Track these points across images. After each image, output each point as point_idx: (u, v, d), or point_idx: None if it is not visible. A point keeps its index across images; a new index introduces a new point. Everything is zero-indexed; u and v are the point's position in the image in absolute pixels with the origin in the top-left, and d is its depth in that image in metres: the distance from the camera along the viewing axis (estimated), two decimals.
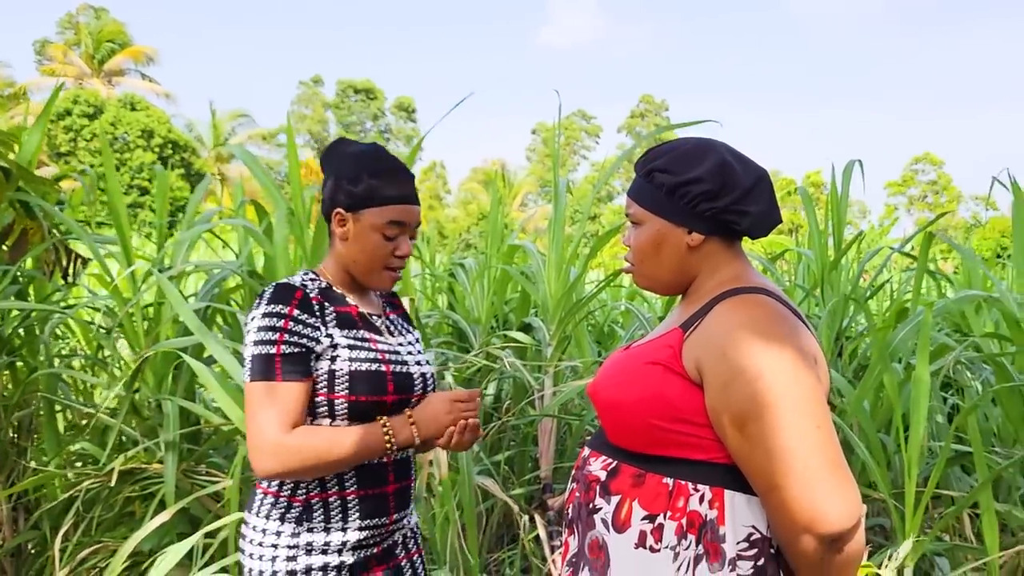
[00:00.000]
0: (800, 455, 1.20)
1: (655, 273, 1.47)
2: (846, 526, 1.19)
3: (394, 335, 1.86)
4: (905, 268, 5.49)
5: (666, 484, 1.32)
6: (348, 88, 55.94)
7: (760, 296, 1.35)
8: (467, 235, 30.65)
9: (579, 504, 1.45)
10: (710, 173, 1.37)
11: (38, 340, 3.89)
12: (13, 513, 3.73)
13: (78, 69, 35.09)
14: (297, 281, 1.75)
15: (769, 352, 1.24)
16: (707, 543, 1.29)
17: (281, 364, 1.63)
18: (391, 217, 1.74)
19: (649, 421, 1.33)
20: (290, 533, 1.70)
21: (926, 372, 2.45)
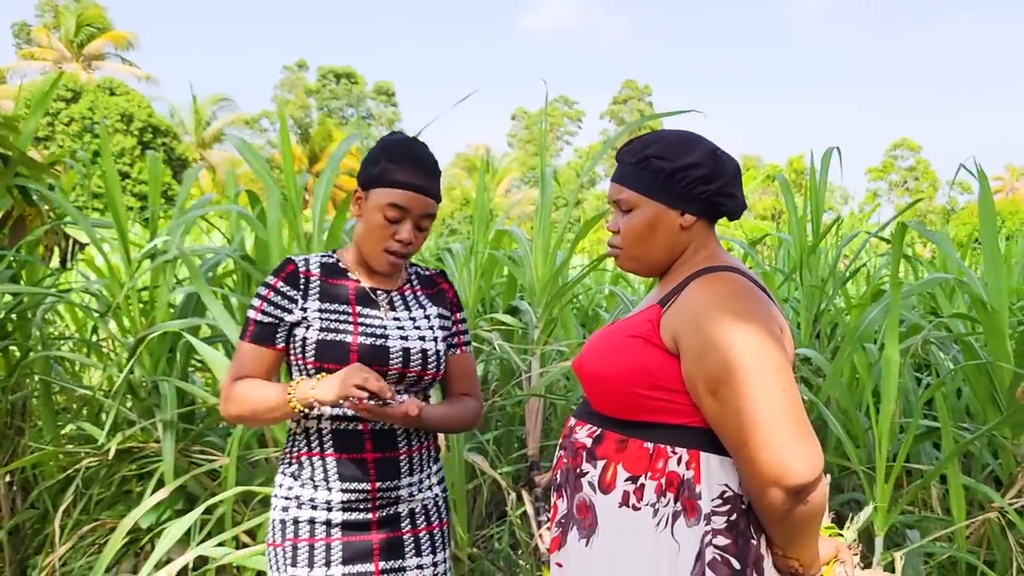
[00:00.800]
0: (767, 416, 1.31)
1: (645, 254, 1.58)
2: (810, 478, 1.30)
3: (395, 309, 1.93)
4: (883, 253, 5.62)
5: (647, 448, 1.44)
6: (329, 73, 55.59)
7: (730, 273, 1.47)
8: (451, 221, 30.63)
9: (567, 469, 1.56)
10: (705, 159, 1.51)
11: (30, 324, 3.95)
12: (11, 493, 3.79)
13: (58, 53, 34.69)
14: (299, 257, 1.91)
15: (739, 324, 1.36)
16: (684, 500, 1.41)
17: (253, 328, 1.85)
18: (392, 200, 1.82)
19: (631, 389, 1.44)
20: (287, 486, 1.88)
21: (895, 350, 2.56)
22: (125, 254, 3.75)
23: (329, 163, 3.50)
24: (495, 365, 4.56)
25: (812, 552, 1.47)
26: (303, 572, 1.81)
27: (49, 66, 33.93)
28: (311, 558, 1.82)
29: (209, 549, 2.88)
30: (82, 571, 3.40)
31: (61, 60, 34.71)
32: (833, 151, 4.14)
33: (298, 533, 1.84)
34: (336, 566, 1.82)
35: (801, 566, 1.47)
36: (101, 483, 3.55)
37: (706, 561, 1.38)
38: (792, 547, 1.44)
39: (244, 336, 1.86)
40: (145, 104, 30.16)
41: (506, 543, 3.66)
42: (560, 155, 61.71)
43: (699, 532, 1.39)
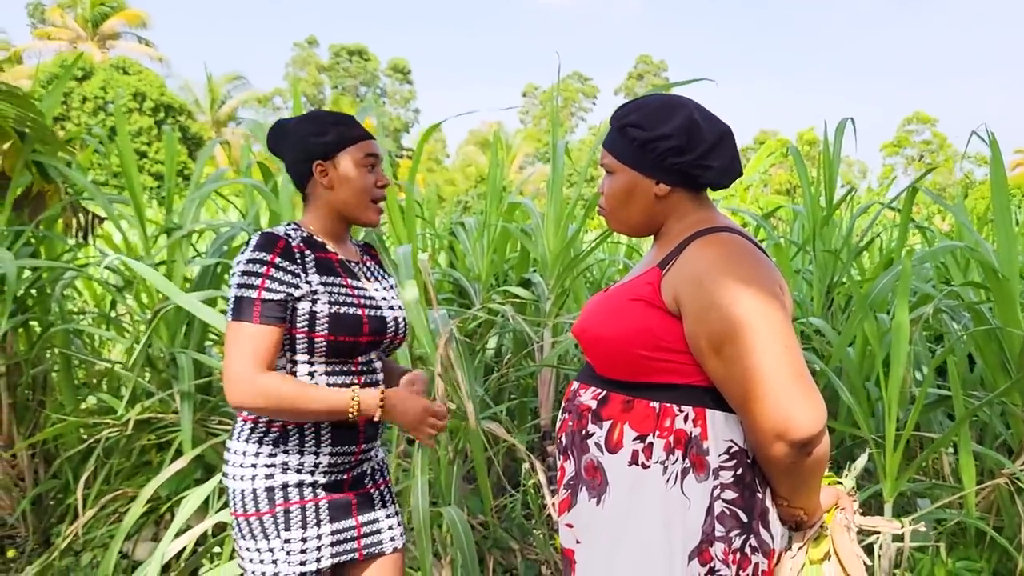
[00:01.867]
0: (771, 371, 1.33)
1: (626, 218, 1.61)
2: (814, 431, 1.33)
3: (370, 281, 2.02)
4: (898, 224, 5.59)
5: (653, 407, 1.46)
6: (341, 51, 55.47)
7: (728, 234, 1.48)
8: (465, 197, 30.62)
9: (572, 432, 1.58)
10: (678, 130, 1.50)
11: (50, 299, 4.01)
12: (34, 463, 3.87)
13: (73, 32, 34.76)
14: (281, 231, 1.88)
15: (740, 282, 1.38)
16: (693, 457, 1.44)
17: (260, 308, 1.78)
18: (368, 150, 1.94)
19: (634, 351, 1.46)
20: (268, 454, 1.87)
21: (905, 317, 2.56)
22: (142, 229, 3.80)
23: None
24: (508, 337, 4.59)
25: (815, 501, 1.51)
26: (297, 534, 1.85)
27: (64, 46, 33.99)
28: (304, 519, 1.86)
29: (227, 516, 2.93)
30: (103, 539, 3.48)
31: (76, 40, 34.76)
32: (847, 122, 4.12)
33: (288, 497, 1.86)
34: (325, 524, 1.89)
35: (805, 514, 1.51)
36: (121, 453, 3.62)
37: (715, 515, 1.42)
38: (797, 497, 1.48)
39: (251, 317, 1.76)
40: (158, 83, 30.20)
41: (519, 512, 3.70)
42: (575, 131, 61.43)
43: (708, 487, 1.42)
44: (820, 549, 1.55)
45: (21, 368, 3.86)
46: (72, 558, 3.47)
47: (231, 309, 1.80)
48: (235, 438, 1.92)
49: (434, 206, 6.00)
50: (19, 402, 3.85)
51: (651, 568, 1.44)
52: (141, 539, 3.49)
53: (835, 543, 1.55)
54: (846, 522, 1.57)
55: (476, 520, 3.39)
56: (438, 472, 3.05)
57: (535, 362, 4.03)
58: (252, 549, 1.86)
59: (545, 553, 3.39)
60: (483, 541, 3.31)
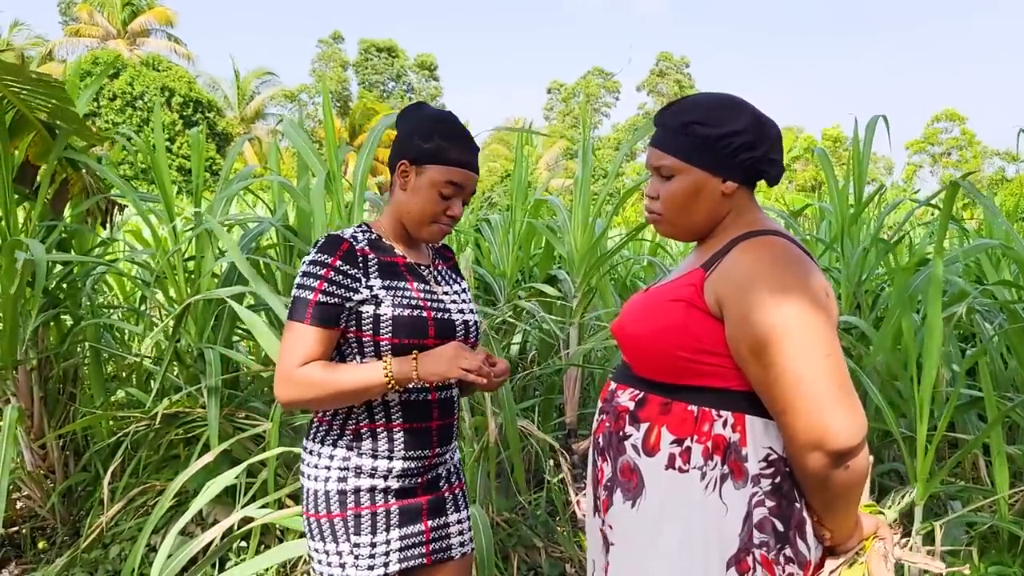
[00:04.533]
0: (812, 380, 1.31)
1: (687, 221, 1.57)
2: (852, 443, 1.30)
3: (440, 284, 1.99)
4: (925, 221, 5.52)
5: (691, 411, 1.44)
6: (371, 47, 55.63)
7: (775, 238, 1.45)
8: (490, 193, 30.63)
9: (609, 433, 1.56)
10: (749, 125, 1.50)
11: (81, 293, 4.05)
12: (64, 456, 3.91)
13: (103, 29, 35.09)
14: (347, 233, 1.87)
15: (784, 287, 1.36)
16: (731, 463, 1.42)
17: (313, 309, 1.77)
18: (451, 178, 1.86)
19: (674, 352, 1.44)
20: (342, 457, 1.86)
21: (939, 316, 2.52)
22: (171, 224, 3.82)
23: (371, 136, 3.52)
24: (534, 335, 4.59)
25: (848, 525, 1.47)
26: (366, 539, 1.84)
27: (95, 43, 34.33)
28: (374, 525, 1.85)
29: (253, 510, 2.95)
30: (132, 532, 3.51)
31: (107, 37, 35.10)
32: (879, 120, 4.07)
33: (359, 502, 1.85)
34: (394, 530, 1.87)
35: (831, 537, 1.48)
36: (149, 447, 3.65)
37: (753, 523, 1.40)
38: (828, 515, 1.44)
39: (304, 319, 1.77)
40: (186, 78, 30.44)
41: (544, 509, 3.70)
42: (599, 127, 61.23)
43: (746, 494, 1.41)
44: (857, 573, 1.51)
45: (52, 362, 3.90)
46: (101, 550, 3.50)
47: (289, 308, 1.82)
48: (310, 438, 1.92)
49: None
50: (50, 395, 3.89)
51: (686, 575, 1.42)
52: (168, 532, 3.51)
53: (871, 571, 1.51)
54: (884, 552, 1.53)
55: (501, 517, 3.39)
56: (464, 469, 3.05)
57: (560, 359, 4.02)
58: (321, 551, 1.86)
59: (569, 551, 3.38)
60: (507, 539, 3.31)
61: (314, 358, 1.78)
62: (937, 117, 50.73)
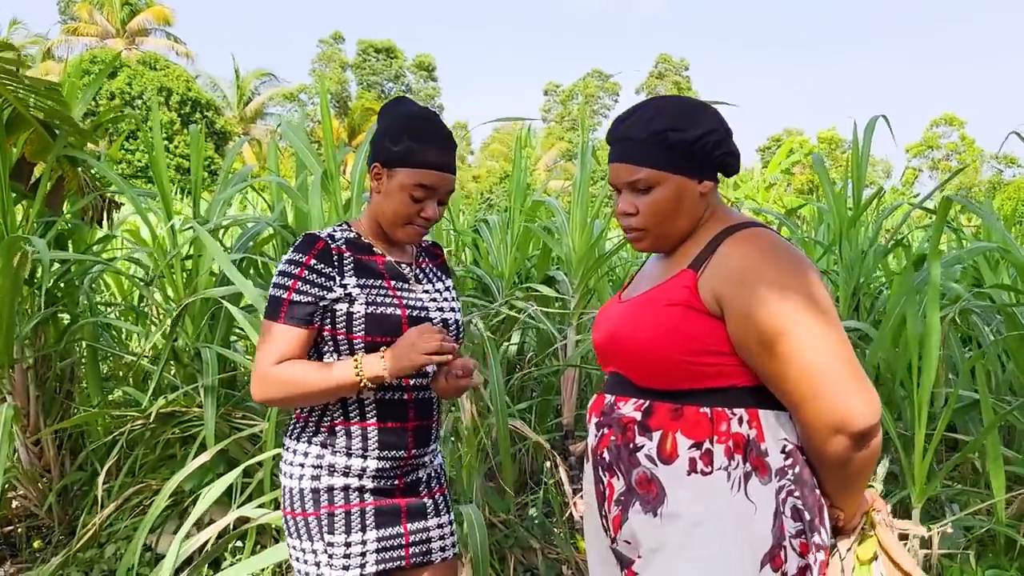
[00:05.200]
0: (829, 365, 1.32)
1: (673, 230, 1.54)
2: (872, 421, 1.32)
3: (421, 283, 1.98)
4: (923, 224, 5.53)
5: (704, 413, 1.43)
6: (369, 48, 55.61)
7: (760, 229, 1.47)
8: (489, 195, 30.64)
9: (616, 447, 1.52)
10: (716, 122, 1.51)
11: (78, 291, 4.05)
12: (60, 456, 3.90)
13: (102, 28, 35.05)
14: (324, 233, 1.87)
15: (785, 277, 1.36)
16: (753, 460, 1.41)
17: (287, 309, 1.79)
18: (420, 180, 1.83)
19: (677, 358, 1.42)
20: (316, 455, 1.86)
21: (936, 319, 2.53)
22: (169, 223, 3.82)
23: (369, 136, 3.52)
24: (531, 335, 4.58)
25: (856, 503, 1.49)
26: (341, 538, 1.83)
27: (94, 41, 34.29)
28: (348, 524, 1.84)
29: (249, 510, 2.95)
30: (127, 531, 3.50)
31: (105, 35, 35.06)
32: (878, 120, 4.07)
33: (333, 500, 1.84)
34: (371, 530, 1.86)
35: (843, 517, 1.50)
36: (146, 445, 3.64)
37: (784, 515, 1.40)
38: (842, 496, 1.47)
39: (278, 317, 1.79)
40: (184, 78, 30.41)
41: (541, 510, 3.69)
42: (598, 129, 61.24)
43: (772, 489, 1.41)
44: (868, 549, 1.54)
45: (49, 360, 3.89)
46: (96, 550, 3.49)
47: (266, 307, 1.82)
48: (289, 435, 1.92)
49: (458, 203, 6.00)
50: (46, 394, 3.88)
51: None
52: (164, 532, 3.51)
53: (882, 541, 1.54)
54: (887, 521, 1.56)
55: (497, 518, 3.38)
56: (459, 469, 3.05)
57: (558, 360, 4.02)
58: (298, 548, 1.86)
59: (566, 552, 3.38)
60: (504, 540, 3.30)
61: (289, 357, 1.79)
62: (936, 122, 50.73)
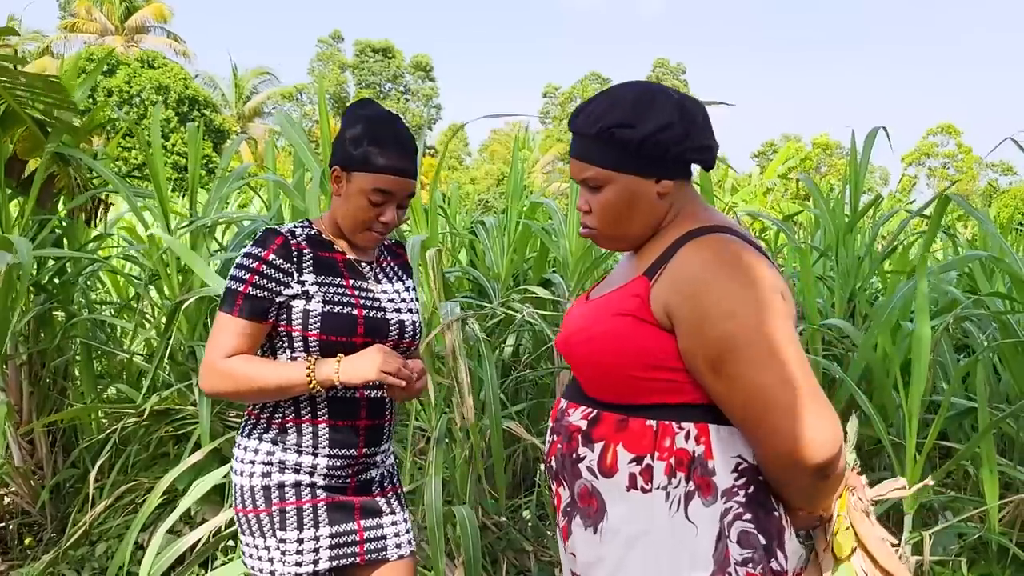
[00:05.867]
0: (779, 391, 1.20)
1: (625, 232, 1.43)
2: (830, 453, 1.20)
3: (380, 282, 1.98)
4: (919, 232, 5.54)
5: (650, 426, 1.33)
6: (367, 48, 55.62)
7: (721, 235, 1.33)
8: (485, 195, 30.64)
9: (562, 455, 1.44)
10: (673, 116, 1.35)
11: (73, 289, 4.04)
12: (53, 453, 3.89)
13: (100, 25, 35.00)
14: (285, 228, 1.87)
15: (736, 291, 1.24)
16: (697, 479, 1.30)
17: (243, 302, 1.78)
18: (378, 185, 1.83)
19: (626, 373, 1.33)
20: (266, 451, 1.86)
21: (926, 326, 2.53)
22: (165, 221, 3.82)
23: None
24: (527, 337, 4.58)
25: (829, 503, 1.40)
26: (293, 535, 1.83)
27: (93, 38, 34.24)
28: (300, 520, 1.84)
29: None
30: (119, 530, 3.49)
31: (104, 32, 35.01)
32: (877, 131, 4.09)
33: (284, 497, 1.84)
34: (324, 527, 1.86)
35: (825, 512, 1.41)
36: (139, 443, 3.64)
37: (729, 540, 1.30)
38: (816, 507, 1.38)
39: (232, 311, 1.78)
40: (182, 76, 30.38)
41: (534, 513, 3.69)
42: None
43: (717, 510, 1.30)
44: (846, 543, 1.40)
45: (43, 356, 3.88)
46: (87, 547, 3.48)
47: (220, 299, 1.82)
48: (240, 432, 1.92)
49: (456, 204, 6.00)
50: (40, 390, 3.88)
51: None
52: (156, 531, 3.50)
53: (857, 533, 1.40)
54: (862, 505, 1.42)
55: (490, 520, 3.38)
56: (453, 471, 3.05)
57: (553, 363, 4.02)
58: (251, 545, 1.86)
59: (558, 555, 3.37)
60: (497, 542, 3.30)
61: (240, 350, 1.79)
62: (931, 131, 50.83)
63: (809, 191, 4.57)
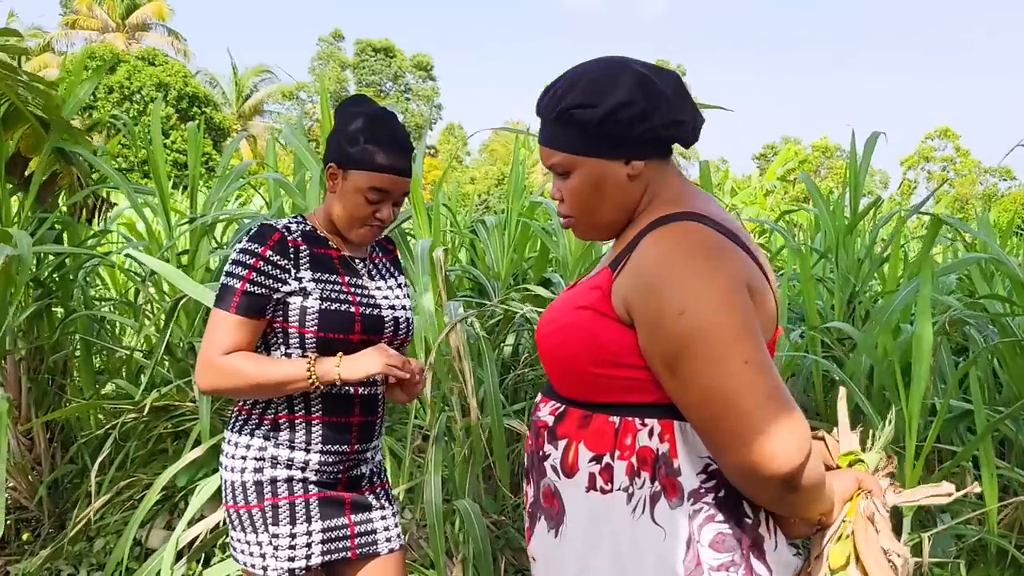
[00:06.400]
0: (735, 394, 1.09)
1: (599, 219, 1.34)
2: (793, 463, 1.08)
3: (374, 279, 1.98)
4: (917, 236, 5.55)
5: (612, 423, 1.24)
6: (367, 47, 55.59)
7: (687, 223, 1.21)
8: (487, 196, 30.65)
9: (531, 452, 1.38)
10: (633, 92, 1.24)
11: (73, 285, 4.04)
12: (51, 448, 3.89)
13: (101, 22, 35.00)
14: (280, 224, 1.87)
15: (691, 285, 1.13)
16: (663, 479, 1.21)
17: (239, 299, 1.77)
18: (375, 184, 1.83)
19: (587, 369, 1.24)
20: (258, 447, 1.86)
21: (928, 329, 2.53)
22: (166, 219, 3.82)
23: None
24: (526, 336, 4.58)
25: (829, 502, 1.25)
26: (285, 529, 1.83)
27: (94, 35, 34.25)
28: (293, 515, 1.84)
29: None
30: (117, 526, 3.49)
31: (105, 29, 35.01)
32: (877, 136, 4.10)
33: (276, 492, 1.84)
34: (316, 521, 1.86)
35: (825, 517, 1.27)
36: (138, 439, 3.63)
37: (700, 544, 1.19)
38: (804, 514, 1.24)
39: (229, 307, 1.77)
40: (183, 73, 30.38)
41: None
42: None
43: (685, 512, 1.20)
44: (842, 552, 1.25)
45: (42, 352, 3.88)
46: (86, 543, 3.48)
47: (216, 295, 1.81)
48: (230, 428, 1.92)
49: (455, 203, 6.00)
50: (38, 386, 3.87)
51: None
52: (155, 527, 3.50)
53: (856, 543, 1.25)
54: (871, 510, 1.27)
55: (489, 519, 3.38)
56: (452, 469, 3.04)
57: None
58: (243, 541, 1.86)
59: None
60: (495, 541, 3.30)
61: (237, 347, 1.78)
62: (929, 135, 50.76)
63: (809, 192, 4.57)
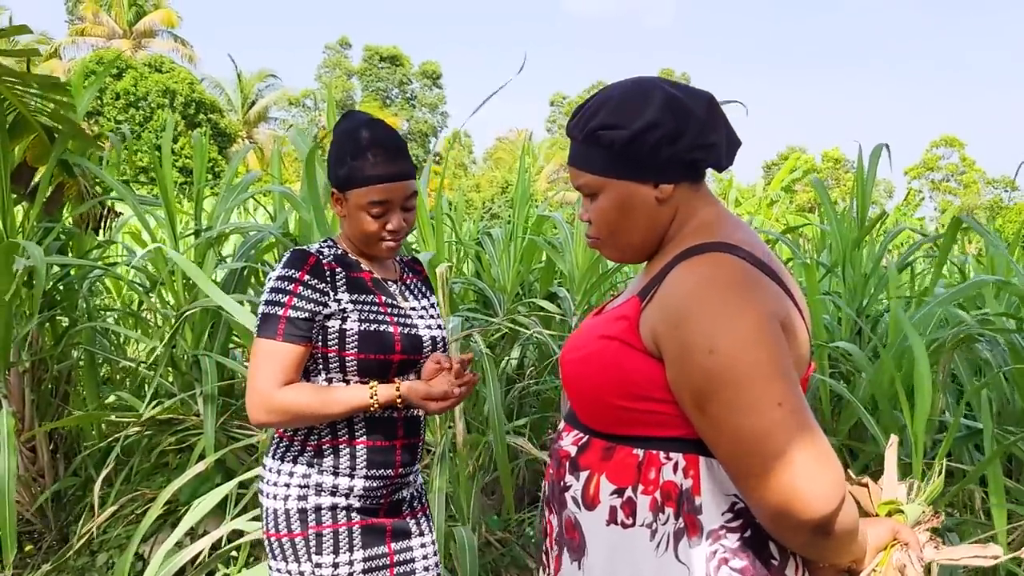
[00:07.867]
0: (767, 436, 1.06)
1: (627, 241, 1.32)
2: (827, 509, 1.05)
3: (407, 299, 1.97)
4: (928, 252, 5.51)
5: (636, 455, 1.21)
6: (374, 55, 55.70)
7: (719, 255, 1.18)
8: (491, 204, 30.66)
9: (552, 482, 1.36)
10: (662, 113, 1.22)
11: (77, 295, 4.03)
12: (55, 460, 3.88)
13: (108, 29, 35.13)
14: (313, 248, 1.86)
15: (723, 322, 1.10)
16: (687, 516, 1.18)
17: (285, 326, 1.75)
18: (372, 197, 1.81)
19: (611, 401, 1.21)
20: (302, 474, 1.83)
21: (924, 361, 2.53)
22: (171, 231, 3.81)
23: None
24: (532, 350, 4.57)
25: (861, 550, 1.21)
26: (328, 559, 1.80)
27: (101, 42, 34.36)
28: (336, 545, 1.82)
29: (244, 523, 2.92)
30: (120, 540, 3.47)
31: (112, 36, 35.13)
32: (882, 149, 4.08)
33: (320, 520, 1.82)
34: (357, 551, 1.84)
35: (854, 563, 1.23)
36: (141, 452, 3.62)
37: None
38: (836, 560, 1.21)
39: (275, 335, 1.74)
40: (189, 80, 30.46)
41: (537, 528, 3.67)
42: None
43: (703, 552, 1.17)
44: None
45: (46, 363, 3.87)
46: (88, 557, 3.47)
47: (257, 325, 1.79)
48: (270, 455, 1.88)
49: (461, 213, 5.99)
50: (42, 398, 3.86)
51: None
52: (158, 542, 3.49)
53: None
54: (903, 562, 1.22)
55: (494, 536, 3.36)
56: (456, 486, 3.03)
57: (558, 376, 4.00)
58: (283, 571, 1.83)
59: None
60: (500, 558, 3.28)
61: (289, 378, 1.76)
62: (935, 143, 50.63)
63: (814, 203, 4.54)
